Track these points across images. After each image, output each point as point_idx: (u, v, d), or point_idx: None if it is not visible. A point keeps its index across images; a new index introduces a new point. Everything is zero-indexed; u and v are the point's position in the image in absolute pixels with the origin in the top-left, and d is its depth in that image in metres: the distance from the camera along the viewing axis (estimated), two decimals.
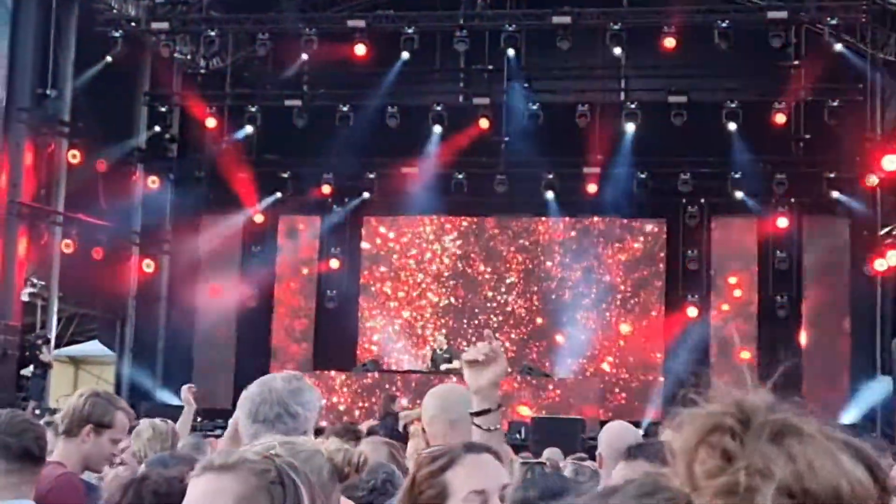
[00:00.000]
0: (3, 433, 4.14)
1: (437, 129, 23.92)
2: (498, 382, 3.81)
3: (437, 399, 4.49)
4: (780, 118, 22.97)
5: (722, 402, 1.17)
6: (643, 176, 23.64)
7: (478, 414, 3.77)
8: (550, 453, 10.92)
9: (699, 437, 1.15)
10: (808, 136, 23.41)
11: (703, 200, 23.99)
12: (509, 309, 25.08)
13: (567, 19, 22.35)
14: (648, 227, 25.05)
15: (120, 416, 5.04)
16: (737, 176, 23.42)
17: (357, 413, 21.00)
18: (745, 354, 22.71)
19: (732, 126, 22.93)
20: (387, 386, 20.99)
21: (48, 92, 22.29)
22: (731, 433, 1.14)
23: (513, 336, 24.63)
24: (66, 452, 4.91)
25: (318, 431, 5.14)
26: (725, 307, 24.40)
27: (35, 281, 22.38)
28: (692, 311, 23.99)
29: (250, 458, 2.15)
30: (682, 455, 1.16)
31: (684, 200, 23.97)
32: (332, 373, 22.47)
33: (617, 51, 22.96)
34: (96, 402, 5.01)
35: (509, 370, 3.89)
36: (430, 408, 4.50)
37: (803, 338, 23.63)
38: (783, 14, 22.18)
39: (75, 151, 23.00)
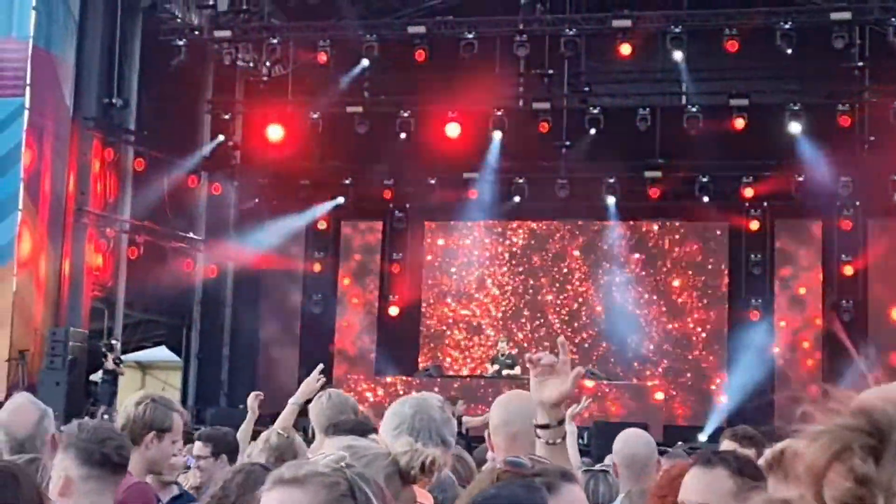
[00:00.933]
0: (87, 440, 4.26)
1: (498, 134, 23.94)
2: (560, 401, 3.61)
3: (500, 409, 4.48)
4: (845, 120, 22.73)
5: (848, 414, 1.02)
6: (705, 179, 23.51)
7: (541, 427, 3.67)
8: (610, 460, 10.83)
9: (828, 457, 1.02)
10: (872, 139, 23.16)
11: (766, 204, 23.81)
12: (570, 314, 25.03)
13: (627, 23, 22.28)
14: (711, 231, 24.90)
15: (177, 417, 5.14)
16: (800, 179, 23.23)
17: None
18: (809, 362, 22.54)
19: (796, 128, 22.75)
20: (452, 393, 21.05)
21: (114, 101, 22.62)
22: (864, 452, 1.01)
23: (577, 340, 24.59)
24: (132, 461, 5.01)
25: None
26: (789, 311, 24.20)
27: (103, 287, 22.72)
28: (755, 316, 23.82)
29: (321, 471, 2.11)
30: (810, 478, 1.03)
31: (747, 204, 23.81)
32: (391, 378, 22.57)
33: (677, 54, 22.85)
34: (155, 407, 5.10)
35: (573, 391, 3.57)
36: (494, 417, 4.51)
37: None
38: (847, 15, 21.94)
39: (141, 159, 23.34)
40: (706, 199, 23.70)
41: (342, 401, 6.28)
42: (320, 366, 7.26)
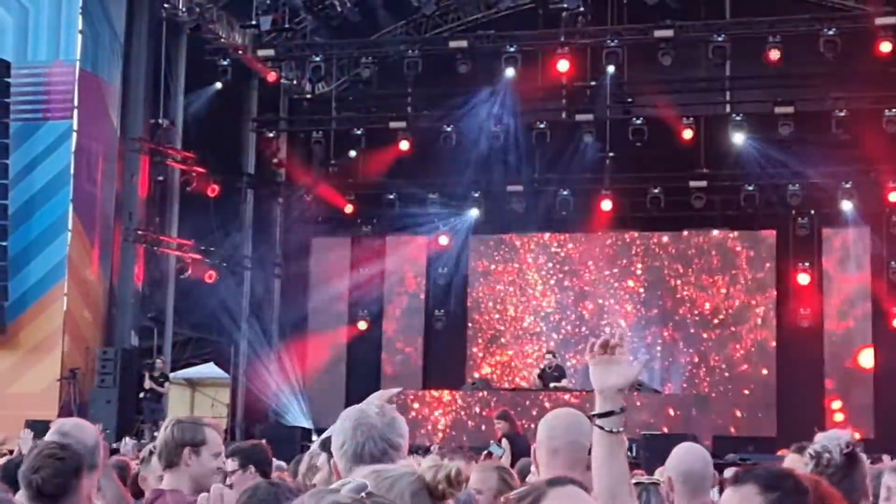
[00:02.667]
0: (26, 468, 4.38)
1: (541, 147, 23.96)
2: (624, 387, 3.64)
3: (543, 425, 4.47)
4: (892, 126, 22.52)
5: None
6: (750, 188, 23.40)
7: (600, 416, 3.62)
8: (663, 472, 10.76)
9: None
10: None
11: (812, 211, 23.66)
12: (619, 326, 24.95)
13: (669, 33, 22.24)
14: (758, 239, 24.77)
15: (209, 431, 5.18)
16: (847, 186, 23.07)
17: (466, 431, 21.11)
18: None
19: (841, 135, 22.60)
20: (502, 405, 21.05)
21: (161, 122, 22.87)
22: None
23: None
24: (176, 481, 5.06)
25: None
26: (837, 318, 24.01)
27: (152, 306, 22.93)
28: (804, 323, 23.66)
29: (341, 501, 2.11)
30: None
31: (794, 212, 23.67)
32: (437, 392, 22.59)
33: (721, 63, 22.77)
34: (182, 426, 5.16)
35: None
36: (539, 433, 4.51)
37: None
38: (892, 20, 21.80)
39: (188, 178, 23.56)
40: (752, 206, 23.59)
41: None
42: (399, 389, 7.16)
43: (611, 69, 23.19)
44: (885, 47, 21.69)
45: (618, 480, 3.64)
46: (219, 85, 23.54)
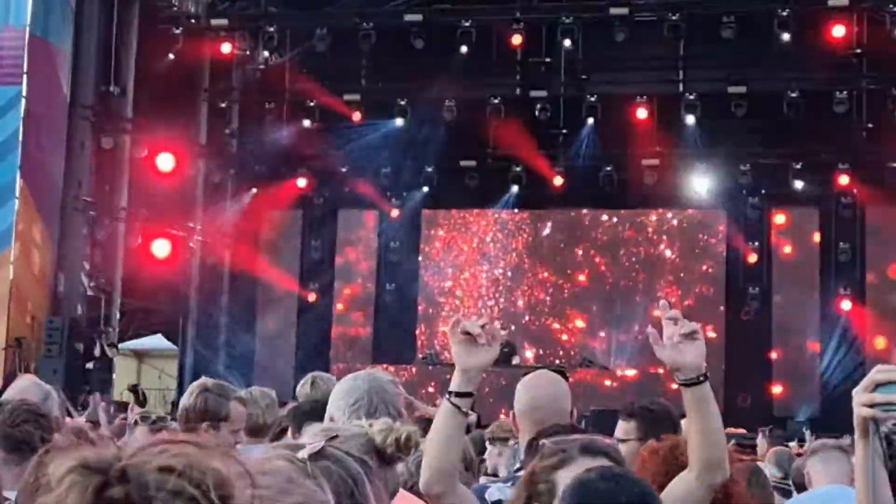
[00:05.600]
0: (3, 423, 4.27)
1: (495, 122, 23.93)
2: (486, 368, 3.76)
3: (525, 394, 4.55)
4: (840, 108, 22.67)
5: None
6: (702, 167, 23.52)
7: (459, 395, 3.71)
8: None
9: None
10: (870, 126, 23.14)
11: (763, 191, 23.80)
12: (568, 303, 25.03)
13: (625, 10, 22.28)
14: (710, 220, 24.89)
15: (235, 406, 5.05)
16: (797, 166, 23.21)
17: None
18: None
19: (792, 116, 22.76)
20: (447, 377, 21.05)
21: (111, 89, 22.63)
22: None
23: (577, 329, 24.61)
24: None
25: None
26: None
27: (100, 275, 22.73)
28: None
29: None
30: None
31: (744, 192, 23.79)
32: (390, 367, 22.57)
33: (675, 41, 22.85)
34: (208, 397, 5.02)
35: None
36: (520, 400, 4.56)
37: None
38: (845, 1, 21.96)
39: (138, 148, 23.32)
40: (706, 186, 23.71)
41: (327, 388, 6.23)
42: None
43: (567, 44, 23.19)
44: (838, 31, 21.87)
45: (456, 460, 3.80)
46: (171, 56, 23.29)
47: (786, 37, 21.88)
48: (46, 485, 1.27)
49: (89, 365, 21.55)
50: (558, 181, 23.98)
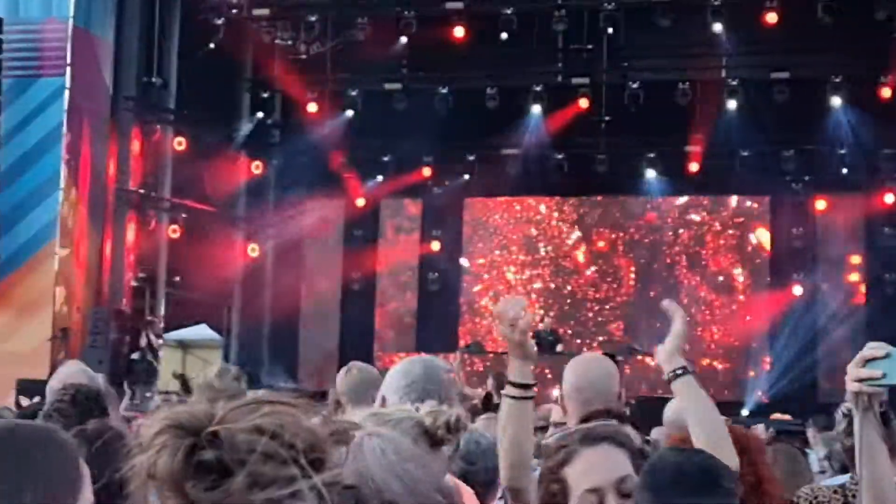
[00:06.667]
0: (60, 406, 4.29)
1: (537, 109, 23.85)
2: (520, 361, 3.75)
3: (575, 375, 4.55)
4: (886, 92, 22.46)
5: None
6: (745, 153, 23.34)
7: (520, 385, 3.70)
8: (658, 433, 10.77)
9: None
10: None
11: (807, 177, 23.60)
12: (611, 290, 24.96)
13: None
14: (751, 205, 24.74)
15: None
16: (842, 152, 22.99)
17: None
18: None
19: (837, 101, 22.53)
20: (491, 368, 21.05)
21: (154, 80, 22.73)
22: None
23: (619, 315, 24.54)
24: None
25: None
26: (832, 286, 23.99)
27: (144, 266, 22.86)
28: (797, 288, 23.62)
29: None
30: None
31: (788, 178, 23.61)
32: (433, 356, 22.57)
33: (717, 27, 22.66)
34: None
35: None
36: (568, 381, 4.56)
37: None
38: None
39: (180, 138, 23.41)
40: (747, 172, 23.53)
41: (365, 376, 6.26)
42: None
43: (609, 31, 23.06)
44: (881, 14, 21.60)
45: (531, 450, 3.81)
46: (212, 46, 23.36)
47: (829, 21, 21.62)
48: (138, 447, 1.26)
49: (134, 355, 21.68)
50: (600, 168, 23.85)
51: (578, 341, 24.33)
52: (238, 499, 1.23)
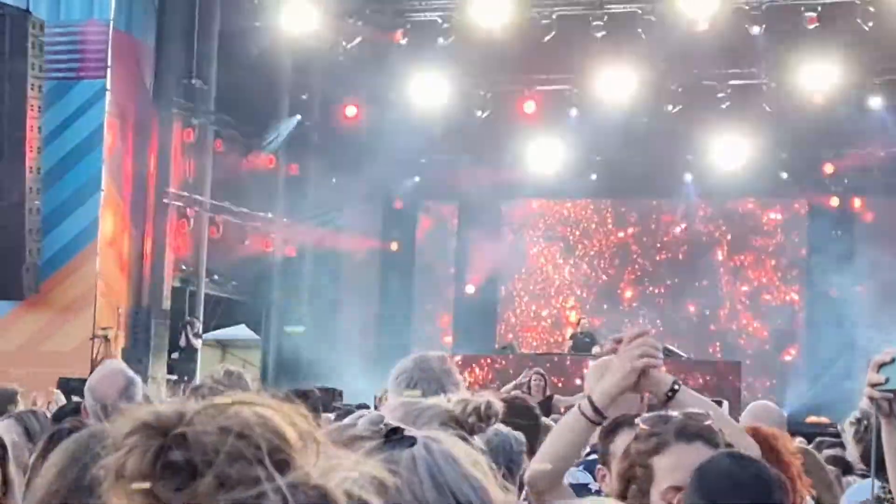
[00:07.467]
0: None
1: (574, 111, 23.80)
2: (616, 395, 3.67)
3: (599, 373, 4.55)
4: None
5: None
6: (784, 156, 23.24)
7: (597, 410, 3.62)
8: None
9: None
10: None
11: (846, 181, 23.44)
12: (652, 292, 24.89)
13: None
14: (790, 208, 24.63)
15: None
16: (882, 154, 22.81)
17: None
18: None
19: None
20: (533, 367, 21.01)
21: (194, 82, 22.87)
22: None
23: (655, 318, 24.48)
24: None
25: None
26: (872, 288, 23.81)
27: (184, 267, 23.03)
28: (834, 294, 23.42)
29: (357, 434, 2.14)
30: None
31: (827, 181, 23.49)
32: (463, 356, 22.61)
33: (755, 29, 22.55)
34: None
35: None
36: (592, 380, 4.57)
37: None
38: None
39: (220, 140, 23.57)
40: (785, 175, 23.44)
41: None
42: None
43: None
44: None
45: (571, 464, 3.82)
46: (253, 49, 23.48)
47: (867, 27, 21.44)
48: (108, 447, 1.27)
49: (174, 355, 21.84)
50: (638, 170, 23.79)
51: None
52: (205, 500, 1.23)
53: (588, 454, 4.18)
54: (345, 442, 1.87)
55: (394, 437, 1.70)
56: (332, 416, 6.17)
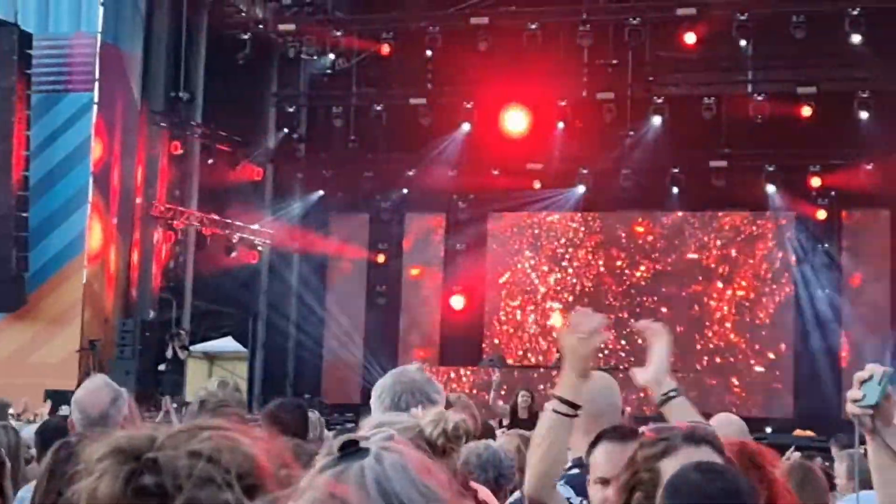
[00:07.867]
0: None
1: (561, 124, 23.84)
2: (576, 380, 3.77)
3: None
4: None
5: None
6: (771, 169, 23.27)
7: (568, 403, 3.71)
8: None
9: None
10: None
11: (833, 193, 23.49)
12: (637, 307, 24.91)
13: (692, 10, 22.11)
14: (776, 221, 24.65)
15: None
16: (868, 167, 22.87)
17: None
18: None
19: (864, 115, 22.38)
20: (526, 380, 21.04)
21: (181, 95, 22.89)
22: None
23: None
24: None
25: None
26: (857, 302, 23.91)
27: (170, 278, 23.01)
28: (821, 306, 23.52)
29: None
30: None
31: (814, 193, 23.53)
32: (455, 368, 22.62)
33: (743, 42, 22.63)
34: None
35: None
36: None
37: None
38: None
39: (207, 152, 23.59)
40: (772, 187, 23.46)
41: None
42: None
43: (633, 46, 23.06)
44: None
45: (562, 466, 3.86)
46: (239, 61, 23.50)
47: (857, 37, 21.53)
48: (82, 471, 1.28)
49: (161, 367, 21.80)
50: (625, 182, 23.83)
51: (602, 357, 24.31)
52: None
53: (569, 468, 4.19)
54: (306, 462, 1.92)
55: (348, 451, 1.70)
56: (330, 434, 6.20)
